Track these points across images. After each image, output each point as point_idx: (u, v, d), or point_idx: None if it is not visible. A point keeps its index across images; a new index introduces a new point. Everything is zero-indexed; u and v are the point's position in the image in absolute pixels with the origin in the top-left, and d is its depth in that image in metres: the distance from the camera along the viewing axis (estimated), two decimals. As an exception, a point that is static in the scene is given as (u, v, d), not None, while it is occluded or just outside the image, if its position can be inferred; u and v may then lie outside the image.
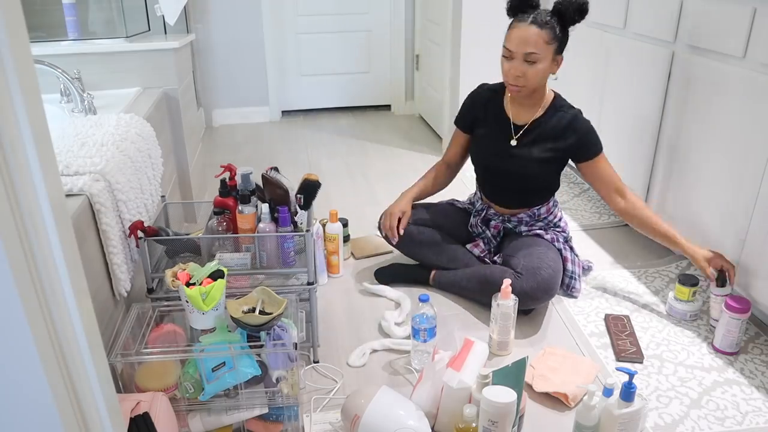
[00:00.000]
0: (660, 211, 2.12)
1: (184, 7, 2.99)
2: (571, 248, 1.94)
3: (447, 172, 2.05)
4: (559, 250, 1.86)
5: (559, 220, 1.96)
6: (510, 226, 1.93)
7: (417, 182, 2.04)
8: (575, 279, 1.89)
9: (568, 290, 1.91)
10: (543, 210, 1.91)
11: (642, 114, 2.17)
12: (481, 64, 2.98)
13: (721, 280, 1.68)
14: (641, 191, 2.21)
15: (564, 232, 1.95)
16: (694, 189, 1.92)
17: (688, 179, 1.94)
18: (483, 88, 1.95)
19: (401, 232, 1.93)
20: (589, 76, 2.58)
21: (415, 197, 2.01)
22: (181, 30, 3.07)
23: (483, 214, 1.97)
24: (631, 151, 2.26)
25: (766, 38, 1.59)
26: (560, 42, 1.70)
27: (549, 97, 1.82)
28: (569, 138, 1.78)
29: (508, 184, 1.88)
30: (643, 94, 2.16)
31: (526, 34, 1.65)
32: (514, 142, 1.83)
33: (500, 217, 1.94)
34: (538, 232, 1.89)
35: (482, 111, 1.91)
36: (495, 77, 1.94)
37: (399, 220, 1.93)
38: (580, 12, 1.66)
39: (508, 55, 1.71)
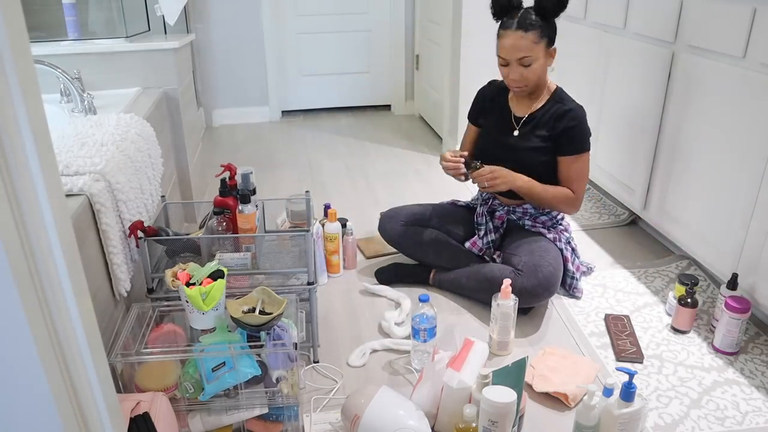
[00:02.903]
0: (660, 211, 2.12)
1: (184, 7, 2.99)
2: (573, 250, 1.94)
3: None
4: (561, 249, 1.86)
5: (562, 218, 1.97)
6: (514, 217, 1.94)
7: None
8: (576, 279, 1.90)
9: (570, 290, 1.91)
10: None
11: (642, 114, 2.17)
12: (481, 64, 2.98)
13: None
14: (641, 191, 2.21)
15: (566, 231, 1.96)
16: (694, 189, 1.92)
17: (689, 179, 1.95)
18: (491, 84, 1.99)
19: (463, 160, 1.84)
20: (589, 76, 2.58)
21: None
22: (181, 30, 3.08)
23: (489, 204, 1.97)
24: (631, 151, 2.26)
25: (766, 38, 1.59)
26: (549, 36, 1.73)
27: (551, 88, 1.85)
28: (558, 127, 1.80)
29: (521, 171, 1.87)
30: (643, 94, 2.16)
31: (515, 40, 1.71)
32: (516, 133, 1.86)
33: (505, 208, 1.94)
34: (542, 230, 1.89)
35: (488, 105, 1.96)
36: (495, 77, 1.95)
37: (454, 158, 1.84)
38: (560, 4, 1.69)
39: (503, 63, 1.77)
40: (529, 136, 1.84)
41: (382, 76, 4.20)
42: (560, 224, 1.95)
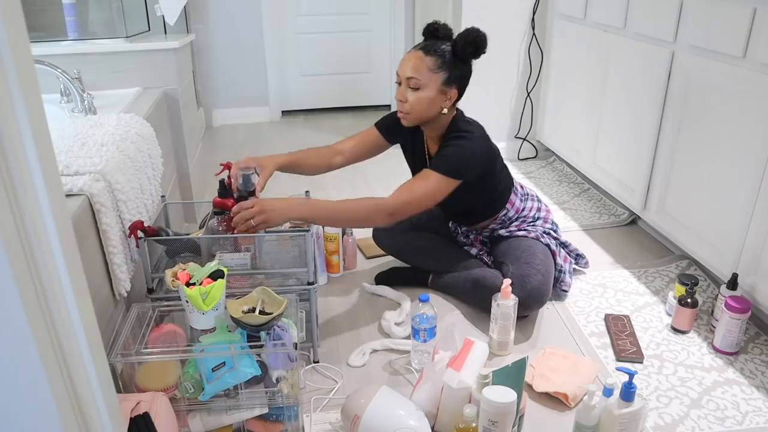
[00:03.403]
0: (660, 212, 2.12)
1: (184, 7, 2.99)
2: (560, 242, 1.92)
3: (329, 157, 1.82)
4: (547, 244, 1.83)
5: (538, 211, 1.90)
6: (487, 234, 1.93)
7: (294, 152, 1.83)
8: (564, 273, 1.87)
9: (557, 284, 1.87)
10: (511, 213, 1.86)
11: (642, 114, 2.17)
12: (481, 65, 2.97)
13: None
14: (641, 191, 2.21)
15: (547, 222, 1.90)
16: (694, 189, 1.92)
17: (688, 179, 1.94)
18: None
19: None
20: (589, 76, 2.58)
21: (284, 162, 1.78)
22: (181, 30, 3.08)
23: (458, 237, 1.99)
24: (631, 151, 2.26)
25: (766, 38, 1.59)
26: (451, 74, 1.60)
27: (449, 121, 1.71)
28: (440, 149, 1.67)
29: (447, 209, 1.88)
30: (643, 94, 2.16)
31: (410, 59, 1.60)
32: None
33: (473, 232, 1.95)
34: (521, 234, 1.84)
35: (410, 139, 1.85)
36: (493, 77, 1.94)
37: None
38: (474, 46, 1.58)
39: (397, 81, 1.66)
40: None
41: (382, 76, 4.20)
42: (539, 219, 1.89)
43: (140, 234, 1.44)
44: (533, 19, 3.03)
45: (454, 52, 1.60)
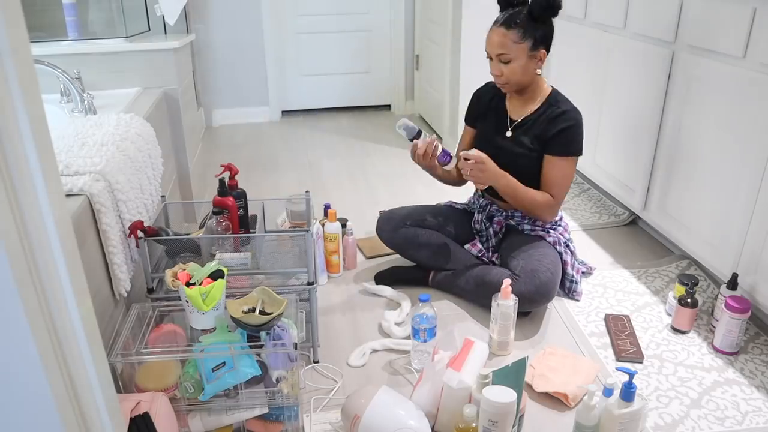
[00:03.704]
0: (660, 212, 2.12)
1: (184, 7, 2.99)
2: (572, 252, 1.94)
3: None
4: (560, 253, 1.86)
5: (560, 219, 1.96)
6: (513, 223, 1.93)
7: None
8: (576, 282, 1.89)
9: (570, 293, 1.91)
10: None
11: (642, 114, 2.17)
12: (481, 64, 2.96)
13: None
14: (641, 191, 2.21)
15: (566, 232, 1.95)
16: (694, 189, 1.92)
17: (689, 179, 1.95)
18: (488, 85, 1.98)
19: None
20: (589, 76, 2.58)
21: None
22: (181, 30, 3.08)
23: (487, 210, 1.97)
24: (631, 151, 2.26)
25: (766, 38, 1.59)
26: (535, 38, 1.71)
27: (546, 92, 1.84)
28: (551, 129, 1.78)
29: (511, 174, 1.87)
30: (644, 94, 2.16)
31: (495, 37, 1.73)
32: (508, 134, 1.86)
33: (503, 213, 1.94)
34: (541, 233, 1.88)
35: (485, 107, 1.95)
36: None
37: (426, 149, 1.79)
38: (550, 8, 1.69)
39: (488, 56, 1.79)
40: (520, 139, 1.83)
41: (382, 76, 4.20)
42: (560, 225, 1.94)
43: (140, 234, 1.44)
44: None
45: (532, 16, 1.70)
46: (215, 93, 3.98)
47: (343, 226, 2.10)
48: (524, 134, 1.83)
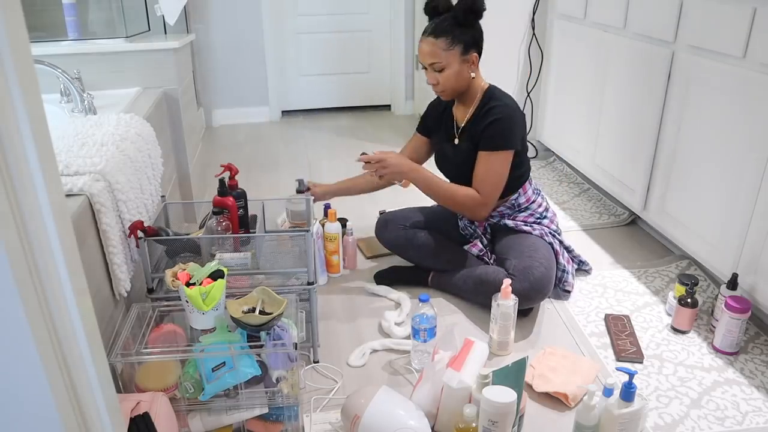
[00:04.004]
0: (660, 211, 2.12)
1: (184, 7, 2.99)
2: (561, 242, 1.93)
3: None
4: (550, 244, 1.85)
5: (545, 210, 1.94)
6: (493, 221, 1.93)
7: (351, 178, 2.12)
8: (567, 272, 1.89)
9: (560, 283, 1.89)
10: (522, 200, 1.89)
11: (642, 114, 2.17)
12: (481, 64, 2.98)
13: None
14: (641, 191, 2.21)
15: (552, 223, 1.93)
16: (694, 189, 1.92)
17: (688, 179, 1.95)
18: (438, 97, 1.97)
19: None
20: (589, 76, 2.58)
21: (336, 190, 2.08)
22: (181, 30, 3.08)
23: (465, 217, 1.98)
24: (631, 151, 2.26)
25: (766, 38, 1.59)
26: (465, 42, 1.72)
27: (483, 89, 1.84)
28: (481, 126, 1.78)
29: (463, 182, 1.87)
30: (643, 94, 2.16)
31: (425, 46, 1.74)
32: (456, 141, 1.88)
33: None
34: (525, 228, 1.87)
35: (438, 118, 1.99)
36: (493, 77, 1.95)
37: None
38: (473, 11, 1.70)
39: (423, 68, 1.81)
40: (465, 144, 1.84)
41: (382, 76, 4.20)
42: (545, 218, 1.92)
43: (140, 234, 1.44)
44: (533, 19, 3.03)
45: (458, 22, 1.71)
46: (215, 93, 3.98)
47: (343, 226, 2.10)
48: (468, 137, 1.84)
